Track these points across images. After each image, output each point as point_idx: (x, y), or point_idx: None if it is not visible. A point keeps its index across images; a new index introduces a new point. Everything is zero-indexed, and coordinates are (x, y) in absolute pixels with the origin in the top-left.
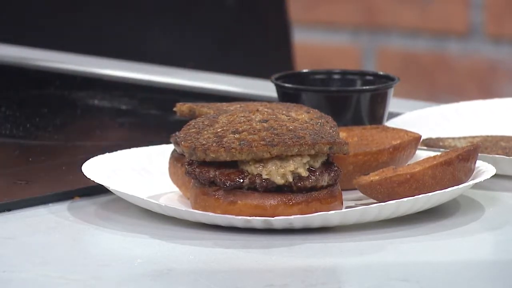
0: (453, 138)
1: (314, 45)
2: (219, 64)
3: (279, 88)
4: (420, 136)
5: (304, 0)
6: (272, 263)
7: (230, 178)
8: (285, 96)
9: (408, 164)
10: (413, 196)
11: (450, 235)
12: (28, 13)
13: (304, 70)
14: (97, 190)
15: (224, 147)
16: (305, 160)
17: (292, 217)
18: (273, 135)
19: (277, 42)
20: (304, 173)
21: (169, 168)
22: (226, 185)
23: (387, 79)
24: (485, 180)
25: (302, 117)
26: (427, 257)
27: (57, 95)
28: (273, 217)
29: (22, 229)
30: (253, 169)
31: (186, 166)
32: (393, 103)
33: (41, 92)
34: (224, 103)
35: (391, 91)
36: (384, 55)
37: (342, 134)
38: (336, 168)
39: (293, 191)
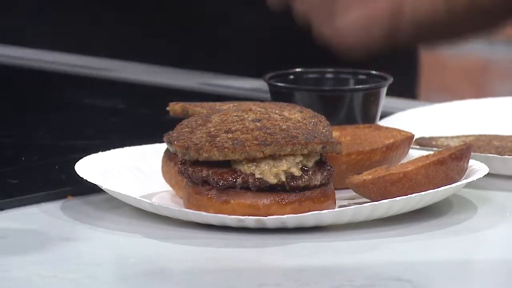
0: (446, 137)
1: None
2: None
3: (272, 88)
4: (413, 135)
5: None
6: (265, 262)
7: (223, 177)
8: (278, 95)
9: (401, 163)
10: (406, 195)
11: (443, 234)
12: (22, 12)
13: (297, 70)
14: (90, 189)
15: (217, 147)
16: (298, 159)
17: (285, 216)
18: (266, 135)
19: None
20: (297, 172)
21: (162, 167)
22: (219, 184)
23: (380, 78)
24: (478, 179)
25: (295, 116)
26: (420, 256)
27: (50, 94)
28: (266, 216)
29: (15, 228)
30: (246, 168)
31: (179, 165)
32: (386, 102)
33: (34, 91)
34: (217, 103)
35: (384, 90)
36: None
37: (335, 134)
38: (329, 168)
39: (286, 190)
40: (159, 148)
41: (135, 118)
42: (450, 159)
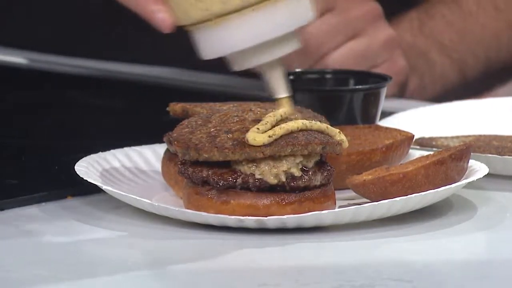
0: (446, 138)
1: None
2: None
3: None
4: (413, 136)
5: None
6: (265, 262)
7: (223, 177)
8: None
9: (401, 164)
10: (406, 195)
11: (443, 235)
12: (22, 13)
13: (297, 70)
14: (90, 189)
15: (217, 147)
16: (298, 160)
17: (285, 216)
18: None
19: None
20: (297, 173)
21: (162, 167)
22: (219, 184)
23: (380, 79)
24: (477, 179)
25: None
26: (420, 256)
27: (50, 94)
28: (266, 216)
29: (15, 228)
30: (246, 169)
31: (179, 165)
32: (385, 103)
33: (34, 91)
34: (217, 103)
35: (384, 91)
36: None
37: None
38: (329, 168)
39: (286, 190)
40: (159, 148)
41: (135, 118)
42: (450, 159)
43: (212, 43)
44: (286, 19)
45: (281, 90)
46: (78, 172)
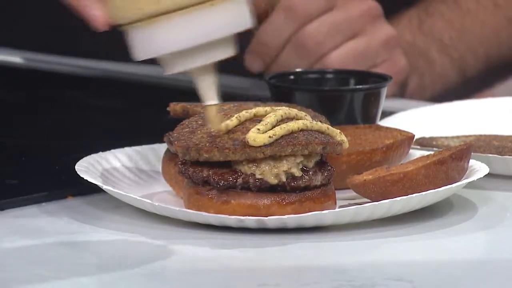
0: (446, 137)
1: None
2: None
3: (272, 88)
4: (413, 135)
5: None
6: (266, 262)
7: (223, 177)
8: (278, 95)
9: (401, 163)
10: (407, 195)
11: (443, 234)
12: (22, 13)
13: (298, 70)
14: (90, 189)
15: (217, 147)
16: (298, 160)
17: (285, 216)
18: None
19: None
20: (297, 173)
21: (162, 167)
22: (219, 184)
23: (380, 79)
24: (478, 179)
25: None
26: (420, 256)
27: (50, 94)
28: (266, 216)
29: (15, 228)
30: (247, 169)
31: (180, 165)
32: (386, 102)
33: (34, 91)
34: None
35: (384, 91)
36: None
37: None
38: (329, 168)
39: (286, 190)
40: (159, 148)
41: (135, 118)
42: (451, 159)
43: (145, 44)
44: (222, 24)
45: (210, 97)
46: (78, 172)
